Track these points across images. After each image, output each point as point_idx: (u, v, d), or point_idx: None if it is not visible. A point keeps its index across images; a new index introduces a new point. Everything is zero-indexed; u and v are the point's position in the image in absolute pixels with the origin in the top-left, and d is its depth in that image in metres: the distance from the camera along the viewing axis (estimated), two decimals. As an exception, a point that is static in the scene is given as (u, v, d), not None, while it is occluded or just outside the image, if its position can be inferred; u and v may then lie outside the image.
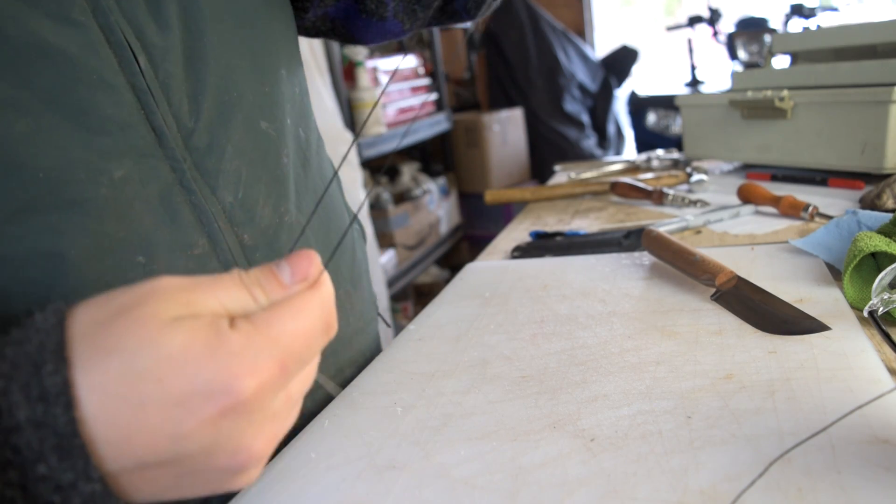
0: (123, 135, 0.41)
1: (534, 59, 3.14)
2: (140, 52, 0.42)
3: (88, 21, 0.39)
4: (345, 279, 0.61)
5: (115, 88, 0.40)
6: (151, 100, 0.42)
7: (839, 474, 0.34)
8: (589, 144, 3.22)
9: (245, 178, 0.48)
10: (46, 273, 0.38)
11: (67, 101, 0.38)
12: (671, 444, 0.39)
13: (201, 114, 0.46)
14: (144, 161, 0.42)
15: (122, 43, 0.41)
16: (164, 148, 0.43)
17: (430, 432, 0.45)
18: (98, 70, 0.39)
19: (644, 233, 0.71)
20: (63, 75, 0.38)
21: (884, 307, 0.48)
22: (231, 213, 0.47)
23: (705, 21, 3.00)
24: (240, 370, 0.25)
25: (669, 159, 1.31)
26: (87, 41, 0.39)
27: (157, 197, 0.43)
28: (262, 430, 0.27)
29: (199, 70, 0.46)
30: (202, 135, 0.46)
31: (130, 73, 0.41)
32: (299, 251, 0.31)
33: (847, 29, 1.05)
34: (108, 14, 0.40)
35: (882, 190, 0.79)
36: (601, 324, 0.58)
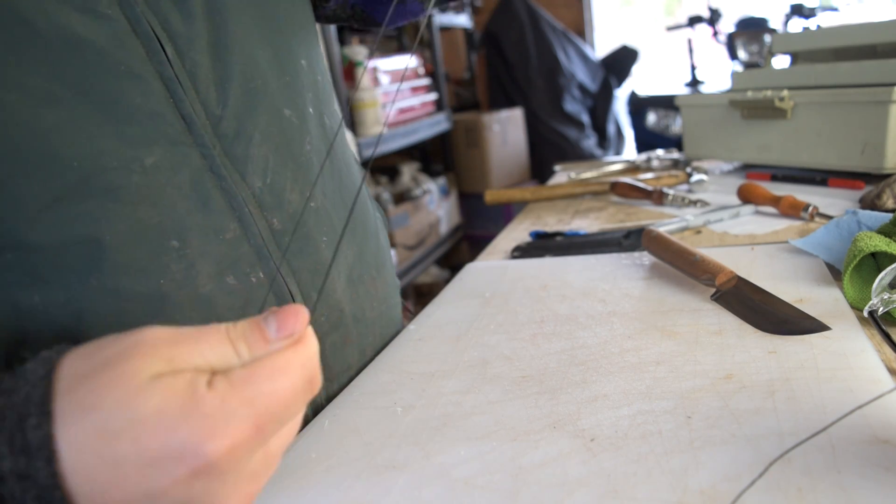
0: (153, 123, 0.42)
1: (534, 59, 3.14)
2: (167, 42, 0.43)
3: (115, 13, 0.40)
4: (370, 265, 0.62)
5: (142, 78, 0.42)
6: (179, 88, 0.44)
7: (839, 474, 0.34)
8: (589, 144, 3.22)
9: (272, 164, 0.50)
10: (84, 259, 0.39)
11: (97, 93, 0.39)
12: (671, 444, 0.39)
13: (228, 101, 0.47)
14: (175, 148, 0.43)
15: (149, 33, 0.42)
16: (194, 135, 0.44)
17: (430, 432, 0.45)
18: (126, 61, 0.41)
19: (644, 233, 0.71)
20: (92, 67, 0.39)
21: (884, 307, 0.48)
22: (260, 198, 0.48)
23: (705, 21, 3.00)
24: (212, 432, 0.25)
25: (669, 159, 1.31)
26: (114, 33, 0.40)
27: (189, 183, 0.44)
28: (235, 490, 0.27)
29: (224, 58, 0.47)
30: (230, 122, 0.47)
31: (158, 62, 0.43)
32: (287, 306, 0.30)
33: (847, 29, 1.05)
34: (134, 5, 0.42)
35: (882, 190, 0.79)
36: (601, 324, 0.58)
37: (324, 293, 0.53)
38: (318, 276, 0.53)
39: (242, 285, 0.46)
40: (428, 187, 2.61)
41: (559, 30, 3.20)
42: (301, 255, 0.51)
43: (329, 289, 0.54)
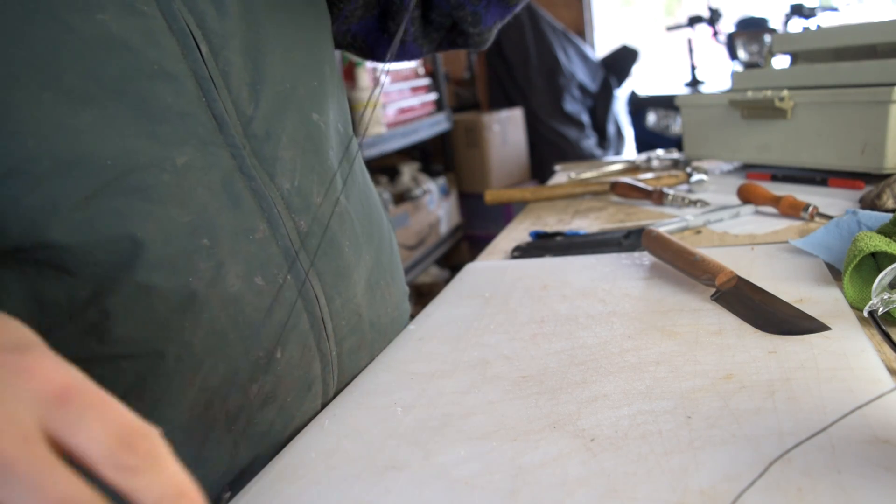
0: (185, 123, 0.43)
1: (534, 59, 3.14)
2: (202, 40, 0.44)
3: (152, 9, 0.41)
4: (385, 271, 0.63)
5: (175, 77, 0.42)
6: (213, 87, 0.44)
7: (839, 474, 0.34)
8: (589, 144, 3.22)
9: (300, 167, 0.50)
10: (114, 256, 0.40)
11: (131, 92, 0.40)
12: (671, 444, 0.39)
13: (260, 102, 0.48)
14: (206, 148, 0.44)
15: (185, 30, 0.43)
16: (225, 135, 0.45)
17: (430, 432, 0.45)
18: (159, 60, 0.41)
19: (644, 233, 0.71)
20: (126, 67, 0.40)
21: (884, 307, 0.48)
22: (288, 199, 0.49)
23: (705, 21, 3.00)
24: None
25: (669, 159, 1.31)
26: (149, 30, 0.41)
27: (220, 183, 0.44)
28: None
29: (257, 59, 0.48)
30: (260, 123, 0.47)
31: (192, 60, 0.43)
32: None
33: (847, 29, 1.05)
34: (171, 2, 0.42)
35: (882, 190, 0.79)
36: (601, 324, 0.58)
37: (345, 297, 0.54)
38: (341, 279, 0.53)
39: (270, 286, 0.47)
40: (428, 187, 2.61)
41: (559, 30, 3.20)
42: (326, 258, 0.52)
43: (350, 293, 0.55)
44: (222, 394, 0.45)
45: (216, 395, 0.45)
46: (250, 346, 0.46)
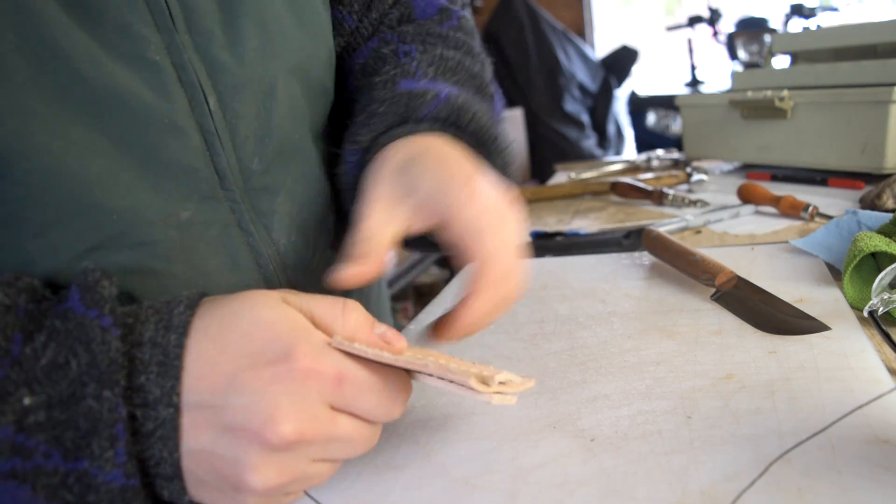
0: (188, 178, 0.41)
1: (534, 59, 3.14)
2: (210, 93, 0.42)
3: (163, 60, 0.40)
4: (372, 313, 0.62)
5: (184, 132, 0.41)
6: (217, 141, 0.43)
7: (839, 474, 0.34)
8: (589, 144, 3.22)
9: (296, 220, 0.49)
10: None
11: (138, 145, 0.39)
12: (671, 444, 0.39)
13: (265, 155, 0.46)
14: (206, 203, 0.43)
15: (195, 83, 0.41)
16: (225, 190, 0.44)
17: (430, 432, 0.45)
18: (169, 114, 0.40)
19: (644, 233, 0.71)
20: (135, 120, 0.39)
21: (884, 307, 0.48)
22: (284, 255, 0.48)
23: (705, 21, 3.00)
24: (305, 350, 0.30)
25: (669, 159, 1.31)
26: (160, 83, 0.39)
27: (219, 239, 0.43)
28: (294, 415, 0.30)
29: (269, 109, 0.46)
30: (261, 177, 0.46)
31: (200, 113, 0.42)
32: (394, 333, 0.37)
33: (847, 29, 1.05)
34: (182, 51, 0.40)
35: (882, 190, 0.79)
36: (601, 324, 0.58)
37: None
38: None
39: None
40: (428, 187, 2.60)
41: (559, 30, 3.20)
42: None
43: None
44: None
45: None
46: None
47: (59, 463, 0.29)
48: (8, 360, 0.29)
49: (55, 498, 0.29)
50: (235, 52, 0.43)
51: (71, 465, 0.29)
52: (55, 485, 0.29)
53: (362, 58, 0.56)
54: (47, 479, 0.29)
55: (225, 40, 0.43)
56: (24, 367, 0.29)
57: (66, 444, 0.29)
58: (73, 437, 0.29)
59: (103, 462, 0.29)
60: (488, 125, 0.49)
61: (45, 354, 0.29)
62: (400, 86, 0.48)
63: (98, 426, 0.29)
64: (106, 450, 0.29)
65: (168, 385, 0.30)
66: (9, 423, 0.28)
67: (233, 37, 0.43)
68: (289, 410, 0.30)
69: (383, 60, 0.54)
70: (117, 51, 0.37)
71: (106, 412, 0.29)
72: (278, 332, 0.31)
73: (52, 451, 0.29)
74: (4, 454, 0.28)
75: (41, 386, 0.29)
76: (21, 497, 0.29)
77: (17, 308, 0.31)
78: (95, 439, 0.29)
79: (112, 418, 0.29)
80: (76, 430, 0.29)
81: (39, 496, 0.29)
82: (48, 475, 0.29)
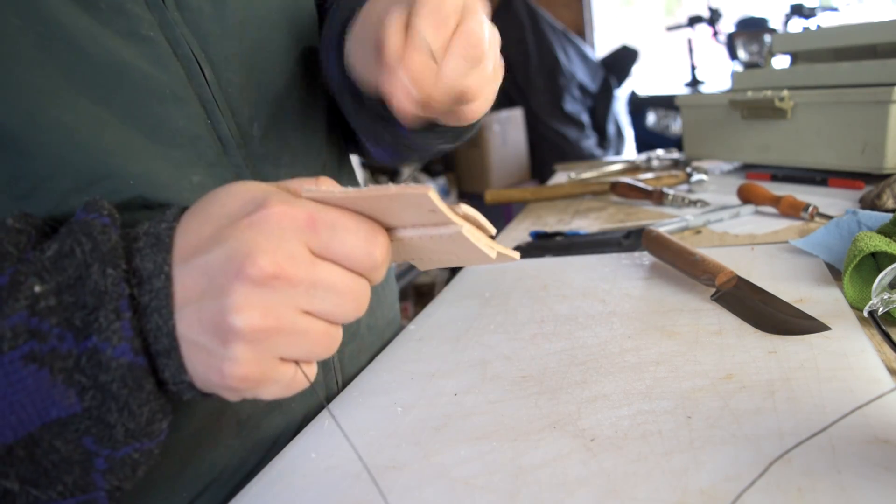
0: (193, 146, 0.44)
1: (534, 59, 3.14)
2: (206, 64, 0.44)
3: (157, 36, 0.42)
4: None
5: (185, 101, 0.43)
6: (217, 110, 0.45)
7: (839, 474, 0.34)
8: (589, 144, 3.22)
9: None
10: None
11: (143, 116, 0.41)
12: (671, 444, 0.39)
13: (262, 121, 0.48)
14: (213, 169, 0.45)
15: (189, 55, 0.43)
16: (229, 156, 0.46)
17: (430, 432, 0.45)
18: (169, 84, 0.42)
19: (644, 233, 0.71)
20: (138, 91, 0.41)
21: (884, 307, 0.48)
22: None
23: (705, 21, 3.00)
24: (275, 201, 0.31)
25: (669, 159, 1.31)
26: (157, 56, 0.41)
27: None
28: (271, 250, 0.30)
29: (262, 76, 0.48)
30: (262, 142, 0.48)
31: (198, 84, 0.44)
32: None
33: (847, 29, 1.05)
34: (174, 27, 0.43)
35: (882, 190, 0.79)
36: (601, 324, 0.58)
37: None
38: None
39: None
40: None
41: (559, 30, 3.20)
42: None
43: None
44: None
45: (229, 403, 0.45)
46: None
47: (72, 345, 0.30)
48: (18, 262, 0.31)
49: (71, 381, 0.30)
50: (223, 24, 0.46)
51: (83, 345, 0.30)
52: (70, 368, 0.30)
53: None
54: (63, 362, 0.30)
55: (213, 14, 0.45)
56: (33, 262, 0.31)
57: (76, 323, 0.30)
58: (81, 315, 0.30)
59: (110, 334, 0.30)
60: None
61: (51, 247, 0.31)
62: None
63: (104, 300, 0.30)
64: (112, 321, 0.30)
65: (160, 258, 0.31)
66: (22, 309, 0.29)
67: (220, 10, 0.46)
68: (266, 247, 0.30)
69: None
70: (114, 28, 0.39)
71: (110, 286, 0.30)
72: (252, 192, 0.31)
73: (66, 333, 0.30)
74: (22, 337, 0.29)
75: (49, 274, 0.30)
76: (41, 382, 0.30)
77: (28, 232, 0.33)
78: (102, 312, 0.30)
79: (116, 293, 0.31)
80: (84, 309, 0.30)
81: (57, 379, 0.30)
82: (63, 358, 0.30)
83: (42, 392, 0.30)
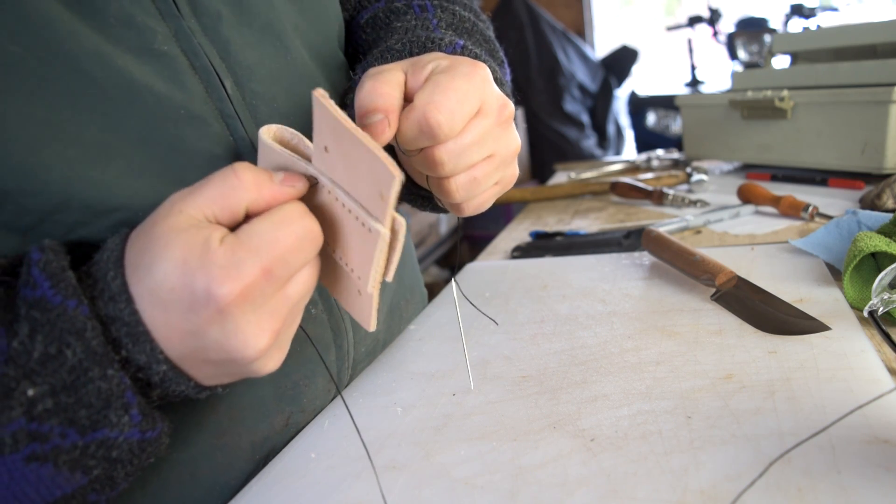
0: (211, 166, 0.40)
1: (534, 59, 3.14)
2: (226, 75, 0.42)
3: (172, 49, 0.39)
4: (406, 288, 0.63)
5: (202, 120, 0.40)
6: (240, 124, 0.42)
7: (839, 474, 0.34)
8: (589, 144, 3.22)
9: None
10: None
11: (156, 140, 0.38)
12: (671, 444, 0.39)
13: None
14: None
15: (208, 67, 0.41)
16: None
17: (430, 432, 0.45)
18: (185, 104, 0.39)
19: (644, 233, 0.71)
20: (151, 114, 0.38)
21: (884, 307, 0.48)
22: None
23: (705, 21, 3.00)
24: (223, 278, 0.30)
25: (669, 159, 1.31)
26: (172, 73, 0.39)
27: None
28: (260, 327, 0.31)
29: (288, 86, 0.46)
30: None
31: (218, 98, 0.41)
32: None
33: (847, 29, 1.05)
34: (192, 36, 0.40)
35: (882, 190, 0.79)
36: (601, 324, 0.58)
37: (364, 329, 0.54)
38: None
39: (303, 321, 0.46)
40: (428, 187, 2.60)
41: (559, 30, 3.20)
42: None
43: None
44: (248, 423, 0.45)
45: (241, 425, 0.45)
46: (278, 378, 0.46)
47: (76, 439, 0.31)
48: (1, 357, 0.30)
49: (78, 467, 0.31)
50: (244, 31, 0.43)
51: (90, 437, 0.31)
52: (76, 458, 0.31)
53: (370, 13, 0.57)
54: (67, 455, 0.31)
55: (233, 19, 0.42)
56: (19, 363, 0.30)
57: (81, 421, 0.31)
58: (87, 414, 0.31)
59: (122, 426, 0.31)
60: (500, 81, 0.49)
61: (36, 347, 0.30)
62: (418, 33, 0.49)
63: (111, 399, 0.31)
64: (122, 416, 0.31)
65: (147, 349, 0.31)
66: (20, 416, 0.29)
67: (240, 15, 0.43)
68: (251, 332, 0.31)
69: (396, 13, 0.54)
70: (124, 45, 0.37)
71: (115, 386, 0.31)
72: (189, 274, 0.30)
73: (68, 431, 0.30)
74: (22, 442, 0.30)
75: (40, 377, 0.30)
76: (44, 475, 0.30)
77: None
78: (112, 411, 0.31)
79: (121, 389, 0.31)
80: (89, 408, 0.31)
81: (62, 470, 0.30)
82: (68, 451, 0.31)
83: (46, 481, 0.31)
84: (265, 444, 0.47)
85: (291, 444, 0.47)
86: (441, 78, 0.38)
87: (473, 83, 0.38)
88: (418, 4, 0.54)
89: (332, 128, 0.33)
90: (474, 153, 0.40)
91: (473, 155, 0.40)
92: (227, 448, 0.45)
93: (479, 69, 0.39)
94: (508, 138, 0.42)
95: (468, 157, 0.40)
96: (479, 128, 0.39)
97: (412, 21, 0.51)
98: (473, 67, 0.39)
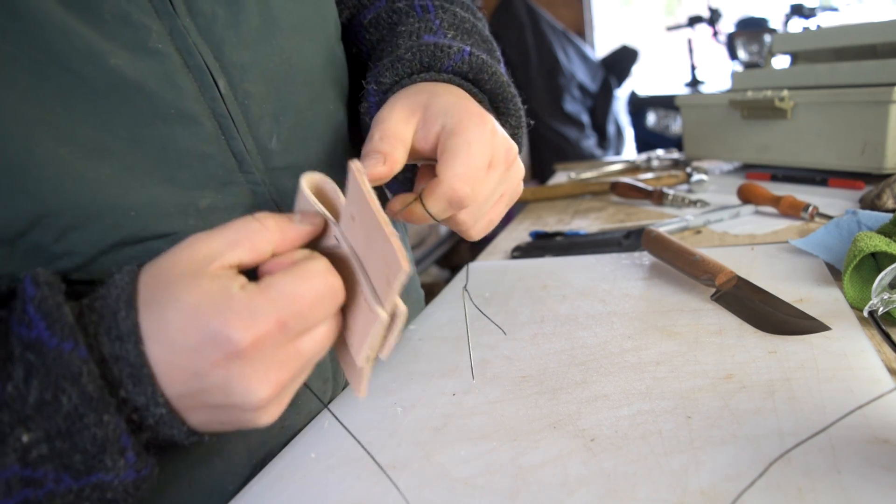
0: (203, 166, 0.41)
1: (534, 59, 3.14)
2: (219, 74, 0.42)
3: (166, 47, 0.39)
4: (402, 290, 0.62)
5: (193, 119, 0.40)
6: (232, 124, 0.42)
7: (839, 474, 0.34)
8: (589, 144, 3.22)
9: None
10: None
11: (147, 139, 0.39)
12: (671, 444, 0.39)
13: (281, 134, 0.46)
14: (226, 188, 0.42)
15: (202, 66, 0.41)
16: (244, 172, 0.43)
17: (430, 432, 0.45)
18: (176, 103, 0.39)
19: (644, 233, 0.71)
20: (141, 113, 0.38)
21: (884, 307, 0.48)
22: None
23: (705, 21, 3.00)
24: (238, 324, 0.30)
25: (669, 159, 1.31)
26: (165, 72, 0.39)
27: None
28: (266, 377, 0.31)
29: (280, 87, 0.46)
30: (280, 156, 0.46)
31: (210, 98, 0.41)
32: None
33: (847, 29, 1.05)
34: (186, 35, 0.40)
35: (882, 190, 0.79)
36: (601, 324, 0.58)
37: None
38: None
39: None
40: (428, 187, 2.60)
41: (559, 30, 3.20)
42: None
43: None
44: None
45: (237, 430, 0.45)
46: None
47: (70, 483, 0.30)
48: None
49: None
50: (239, 30, 0.43)
51: (84, 481, 0.31)
52: (70, 501, 0.31)
53: (372, 13, 0.57)
54: (62, 499, 0.31)
55: (228, 19, 0.42)
56: (13, 408, 0.30)
57: (77, 466, 0.30)
58: (82, 459, 0.30)
59: (118, 470, 0.31)
60: (505, 85, 0.50)
61: (31, 393, 0.30)
62: (424, 38, 0.50)
63: (106, 445, 0.31)
64: (118, 460, 0.31)
65: (148, 391, 0.31)
66: (13, 462, 0.29)
67: (235, 15, 0.43)
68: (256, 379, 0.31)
69: (398, 14, 0.55)
70: (118, 42, 0.37)
71: (111, 432, 0.31)
72: (204, 316, 0.30)
73: (62, 476, 0.30)
74: (16, 488, 0.30)
75: (35, 423, 0.30)
76: None
77: None
78: (107, 455, 0.31)
79: (116, 434, 0.31)
80: (84, 454, 0.30)
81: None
82: (62, 495, 0.30)
83: None
84: (261, 448, 0.47)
85: (291, 444, 0.47)
86: (456, 145, 0.41)
87: (483, 141, 0.42)
88: (420, 5, 0.54)
89: (359, 202, 0.34)
90: (490, 203, 0.45)
91: (490, 205, 0.45)
92: (225, 454, 0.44)
93: (486, 124, 0.43)
94: (515, 174, 0.47)
95: (486, 209, 0.45)
96: (492, 181, 0.44)
97: (416, 24, 0.52)
98: (482, 125, 0.42)
